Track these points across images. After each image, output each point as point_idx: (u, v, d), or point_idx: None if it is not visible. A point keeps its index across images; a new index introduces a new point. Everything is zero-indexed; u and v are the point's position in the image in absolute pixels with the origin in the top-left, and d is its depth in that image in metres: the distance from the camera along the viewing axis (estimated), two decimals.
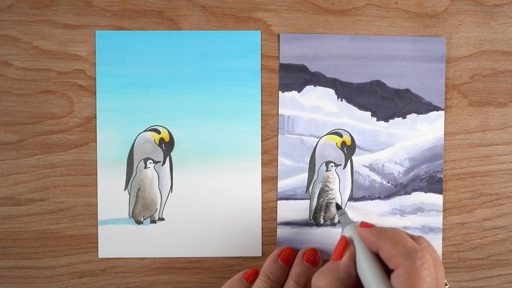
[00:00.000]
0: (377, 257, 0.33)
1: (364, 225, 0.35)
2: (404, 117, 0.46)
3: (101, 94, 0.46)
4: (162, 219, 0.46)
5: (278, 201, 0.46)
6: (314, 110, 0.46)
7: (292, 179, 0.46)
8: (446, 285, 0.44)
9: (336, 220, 0.46)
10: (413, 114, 0.46)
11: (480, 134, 0.46)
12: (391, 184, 0.46)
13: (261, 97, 0.46)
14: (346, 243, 0.35)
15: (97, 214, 0.46)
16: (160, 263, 0.46)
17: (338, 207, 0.45)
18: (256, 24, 0.46)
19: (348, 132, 0.46)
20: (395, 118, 0.46)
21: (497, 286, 0.47)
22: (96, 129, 0.46)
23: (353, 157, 0.46)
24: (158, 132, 0.46)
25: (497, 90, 0.46)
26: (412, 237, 0.34)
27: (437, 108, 0.46)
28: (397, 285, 0.30)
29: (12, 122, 0.46)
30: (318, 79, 0.46)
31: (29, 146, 0.46)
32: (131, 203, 0.46)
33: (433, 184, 0.46)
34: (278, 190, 0.46)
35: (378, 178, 0.46)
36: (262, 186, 0.46)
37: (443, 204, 0.46)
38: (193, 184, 0.46)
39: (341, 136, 0.46)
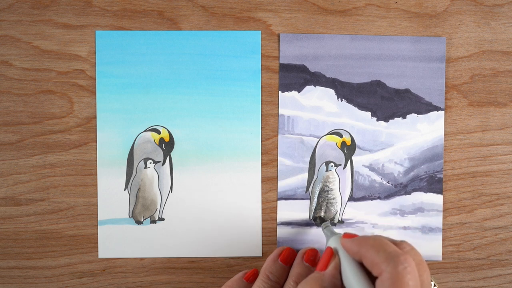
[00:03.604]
0: (362, 267, 0.33)
1: (347, 235, 0.36)
2: (404, 117, 0.46)
3: (101, 94, 0.46)
4: (162, 219, 0.46)
5: (278, 201, 0.46)
6: (314, 110, 0.46)
7: (292, 179, 0.46)
8: (434, 286, 0.44)
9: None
10: (413, 114, 0.46)
11: (480, 134, 0.46)
12: (391, 184, 0.46)
13: (261, 97, 0.46)
14: (331, 254, 0.36)
15: (97, 214, 0.46)
16: (160, 263, 0.46)
17: (322, 220, 0.45)
18: (256, 24, 0.46)
19: (348, 132, 0.46)
20: (395, 118, 0.46)
21: (497, 286, 0.47)
22: (96, 129, 0.46)
23: (353, 157, 0.46)
24: (158, 132, 0.46)
25: (497, 90, 0.46)
26: (395, 242, 0.34)
27: (437, 108, 0.46)
28: None
29: (12, 122, 0.46)
30: (318, 79, 0.46)
31: (29, 146, 0.46)
32: (131, 203, 0.46)
33: (433, 184, 0.46)
34: (278, 190, 0.46)
35: (378, 178, 0.46)
36: (262, 186, 0.46)
37: (443, 204, 0.46)
38: (193, 184, 0.46)
39: (341, 136, 0.46)
